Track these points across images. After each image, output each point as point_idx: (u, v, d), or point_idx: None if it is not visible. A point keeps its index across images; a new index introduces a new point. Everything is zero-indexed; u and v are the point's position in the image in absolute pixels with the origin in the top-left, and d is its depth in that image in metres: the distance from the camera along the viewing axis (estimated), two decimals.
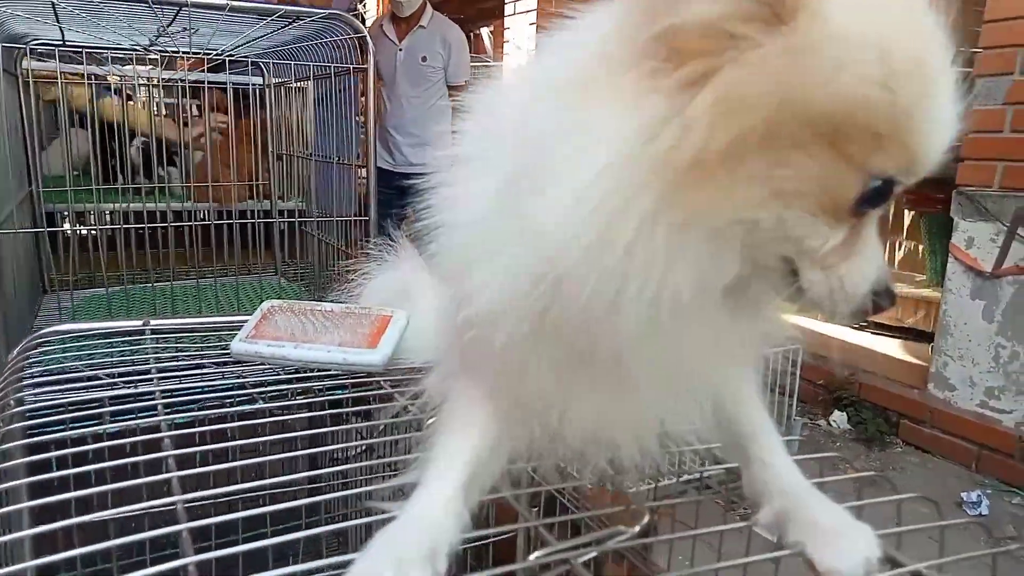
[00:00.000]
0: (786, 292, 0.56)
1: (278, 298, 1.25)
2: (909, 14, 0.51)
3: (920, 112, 0.50)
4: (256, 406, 1.01)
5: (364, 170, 2.01)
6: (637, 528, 0.63)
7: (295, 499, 0.77)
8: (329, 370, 1.05)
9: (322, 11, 1.82)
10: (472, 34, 6.92)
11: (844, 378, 3.47)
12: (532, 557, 0.57)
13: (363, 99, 2.03)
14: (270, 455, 0.86)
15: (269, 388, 1.08)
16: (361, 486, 0.81)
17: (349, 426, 1.03)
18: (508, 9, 5.67)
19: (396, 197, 3.44)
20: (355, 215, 2.02)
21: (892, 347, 3.95)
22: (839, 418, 3.41)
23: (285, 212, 2.46)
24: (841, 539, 0.62)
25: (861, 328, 4.10)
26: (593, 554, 0.61)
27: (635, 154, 0.49)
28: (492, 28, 8.05)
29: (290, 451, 0.90)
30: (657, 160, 0.48)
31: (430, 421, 0.76)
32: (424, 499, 0.63)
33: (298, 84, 2.24)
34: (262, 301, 1.20)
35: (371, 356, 1.03)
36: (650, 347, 0.54)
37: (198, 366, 1.11)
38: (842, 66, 0.47)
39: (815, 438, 3.29)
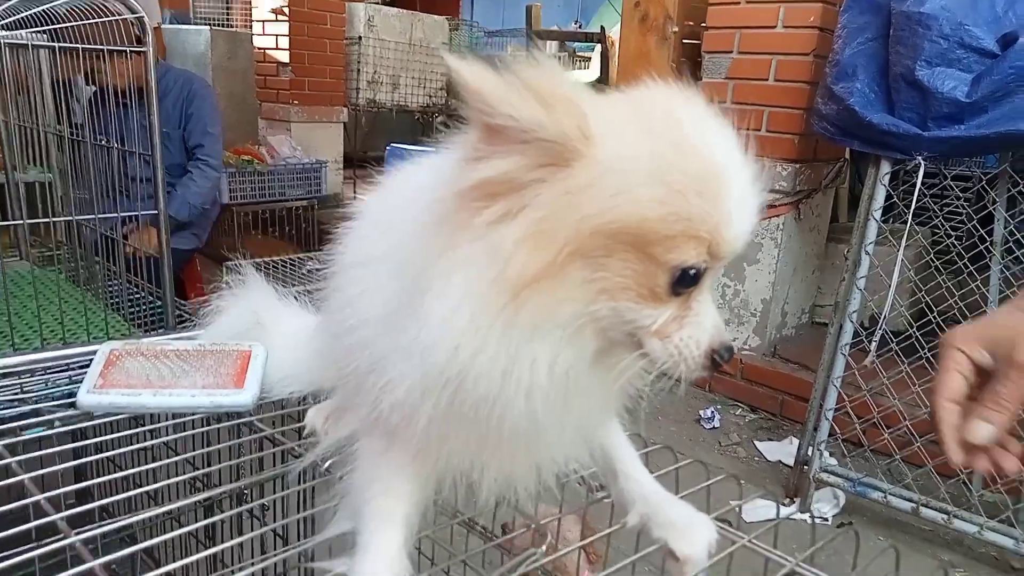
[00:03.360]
0: (637, 359, 0.67)
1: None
2: (678, 137, 0.61)
3: (701, 215, 0.60)
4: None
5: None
6: (544, 547, 0.78)
7: None
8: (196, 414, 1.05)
9: None
10: None
11: None
12: None
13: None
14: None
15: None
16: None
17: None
18: None
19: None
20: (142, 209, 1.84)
21: None
22: None
23: (23, 185, 2.16)
24: (690, 531, 0.82)
25: None
26: None
27: (482, 278, 0.60)
28: None
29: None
30: (497, 283, 0.60)
31: (339, 472, 0.83)
32: (371, 559, 0.72)
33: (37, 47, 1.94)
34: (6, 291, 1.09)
35: (240, 397, 1.04)
36: (545, 418, 0.66)
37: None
38: (619, 194, 0.59)
39: None
